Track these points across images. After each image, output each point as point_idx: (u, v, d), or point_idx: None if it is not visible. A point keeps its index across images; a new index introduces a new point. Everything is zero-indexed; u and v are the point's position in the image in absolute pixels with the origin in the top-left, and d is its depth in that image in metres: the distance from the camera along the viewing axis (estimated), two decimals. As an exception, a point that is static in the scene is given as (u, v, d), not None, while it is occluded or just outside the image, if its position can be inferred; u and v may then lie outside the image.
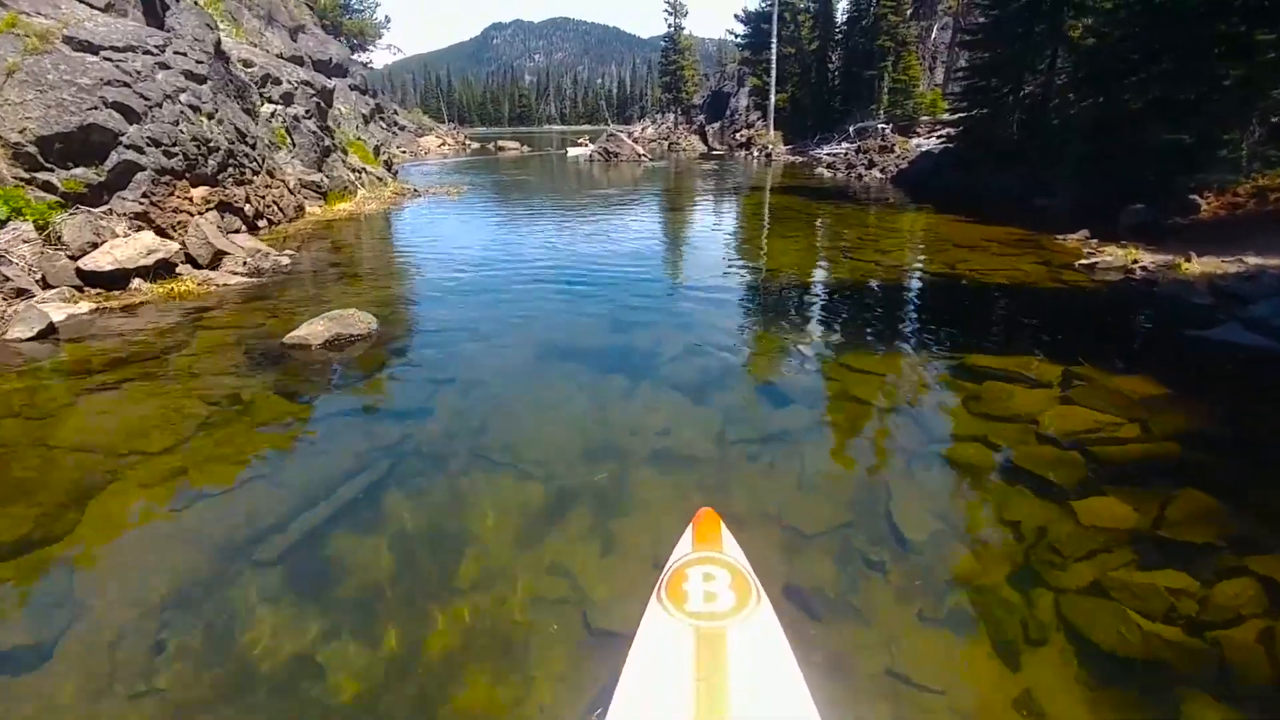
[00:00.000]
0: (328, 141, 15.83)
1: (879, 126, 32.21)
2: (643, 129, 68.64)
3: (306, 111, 15.27)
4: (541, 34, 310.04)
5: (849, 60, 37.29)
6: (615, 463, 4.01)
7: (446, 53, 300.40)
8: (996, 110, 16.92)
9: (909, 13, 33.24)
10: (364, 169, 17.86)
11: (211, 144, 10.92)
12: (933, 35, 33.62)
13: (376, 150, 21.21)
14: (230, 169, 11.32)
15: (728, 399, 4.86)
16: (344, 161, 16.58)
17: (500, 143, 48.79)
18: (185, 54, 11.47)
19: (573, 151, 39.79)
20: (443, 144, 45.52)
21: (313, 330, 5.69)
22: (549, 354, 5.75)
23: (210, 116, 11.24)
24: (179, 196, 10.24)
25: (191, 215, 10.39)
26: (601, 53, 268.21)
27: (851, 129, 34.62)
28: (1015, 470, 3.86)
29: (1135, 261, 8.14)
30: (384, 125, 34.94)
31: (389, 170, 21.81)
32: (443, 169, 30.29)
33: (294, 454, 4.14)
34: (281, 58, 17.81)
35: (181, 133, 10.41)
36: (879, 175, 20.31)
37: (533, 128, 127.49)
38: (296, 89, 15.40)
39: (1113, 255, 8.44)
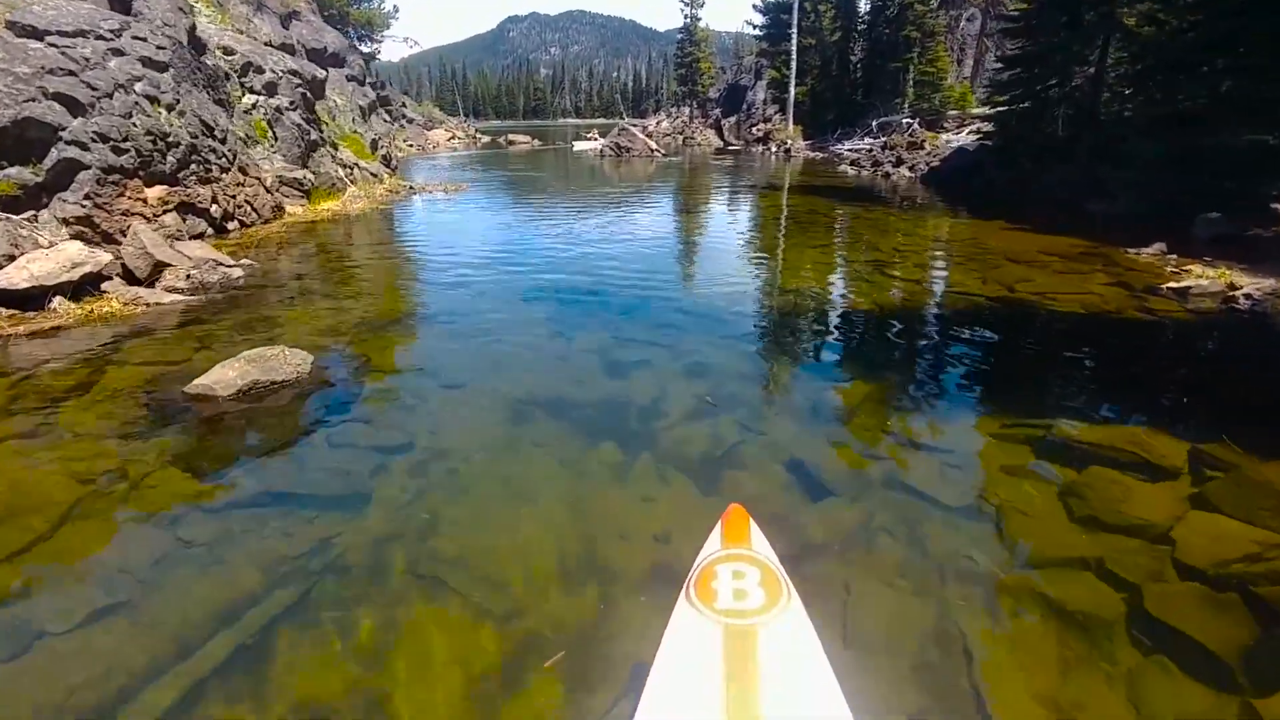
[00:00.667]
0: (314, 135, 14.72)
1: (904, 121, 30.68)
2: (657, 123, 67.25)
3: (291, 103, 14.15)
4: (558, 26, 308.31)
5: (872, 52, 35.71)
6: (598, 585, 2.86)
7: (463, 45, 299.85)
8: (1039, 104, 15.48)
9: (936, 2, 31.65)
10: (357, 165, 16.74)
11: (170, 138, 9.81)
12: (960, 26, 31.96)
13: (374, 144, 20.10)
14: (193, 166, 10.21)
15: (744, 484, 3.64)
16: (333, 157, 15.46)
17: (510, 137, 47.62)
18: (145, 39, 10.36)
19: (580, 146, 38.54)
20: (452, 138, 44.43)
21: (224, 376, 4.53)
22: (528, 409, 4.54)
23: (170, 108, 10.13)
24: (130, 197, 9.14)
25: (147, 219, 9.30)
26: (617, 45, 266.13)
27: (874, 124, 33.11)
28: (1151, 628, 2.62)
29: (1234, 286, 6.80)
30: (388, 118, 33.88)
31: (387, 166, 20.72)
32: (448, 164, 29.20)
33: (163, 572, 2.98)
34: (270, 45, 16.70)
35: (134, 126, 9.31)
36: (908, 174, 18.91)
37: (547, 121, 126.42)
38: (281, 79, 14.28)
39: (1204, 277, 7.10)
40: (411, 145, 36.46)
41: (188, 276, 7.46)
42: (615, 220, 12.91)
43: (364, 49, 40.65)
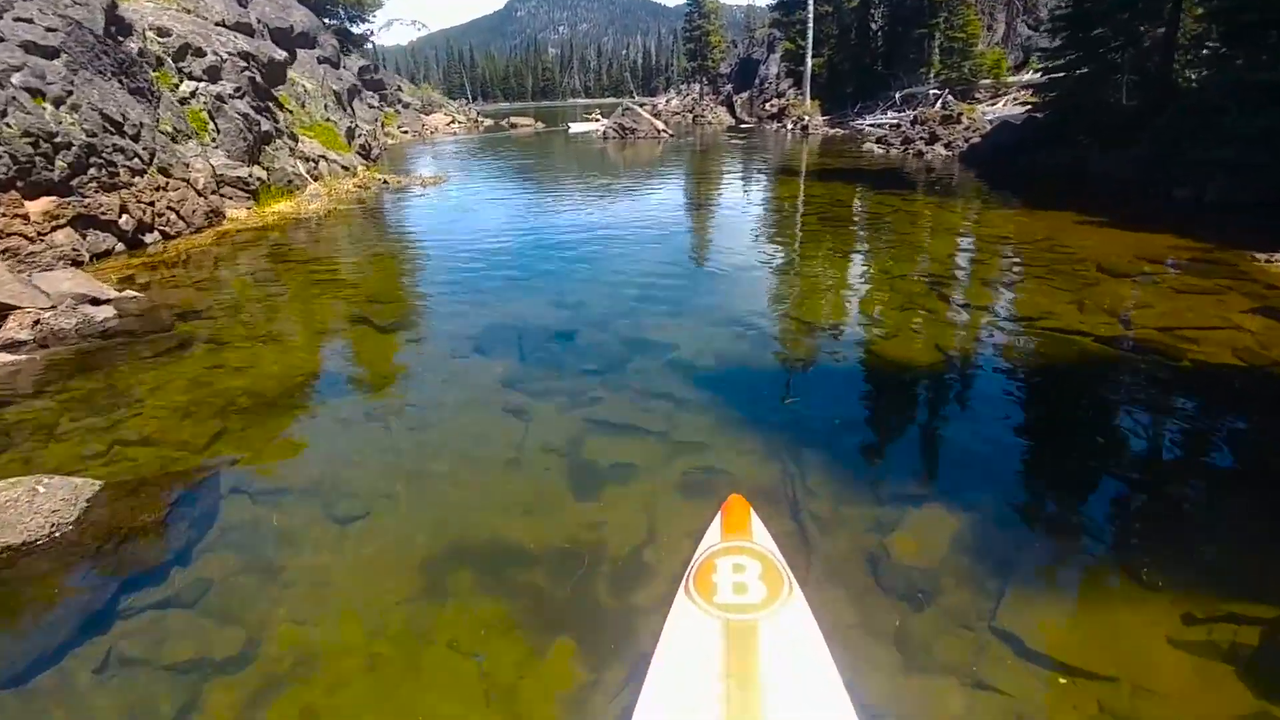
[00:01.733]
0: (267, 125, 12.91)
1: (931, 92, 28.29)
2: (666, 101, 64.75)
3: (237, 89, 12.33)
4: (566, 5, 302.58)
5: (894, 18, 33.16)
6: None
7: (471, 27, 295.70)
8: (1098, 70, 13.28)
9: (964, -39, 29.00)
10: (324, 157, 14.93)
11: (60, 139, 8.05)
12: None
13: (350, 133, 18.26)
14: (93, 170, 8.46)
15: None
16: (292, 149, 13.66)
17: (513, 120, 45.50)
18: (31, 20, 8.57)
19: (578, 128, 36.38)
20: (451, 122, 42.43)
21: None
22: (443, 581, 2.76)
23: (60, 102, 8.36)
24: (5, 215, 7.42)
25: (28, 239, 7.58)
26: (627, 23, 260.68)
27: (897, 95, 30.72)
28: None
29: None
30: (377, 103, 31.96)
31: (366, 156, 18.91)
32: (439, 152, 27.29)
33: None
34: (224, 25, 14.86)
35: (8, 127, 7.56)
36: (943, 152, 16.75)
37: (556, 101, 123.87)
38: (225, 62, 12.45)
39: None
40: (406, 131, 34.56)
41: (35, 323, 5.72)
42: (608, 220, 11.03)
43: (355, 30, 38.83)
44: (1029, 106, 15.74)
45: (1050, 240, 8.02)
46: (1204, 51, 12.30)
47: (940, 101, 25.13)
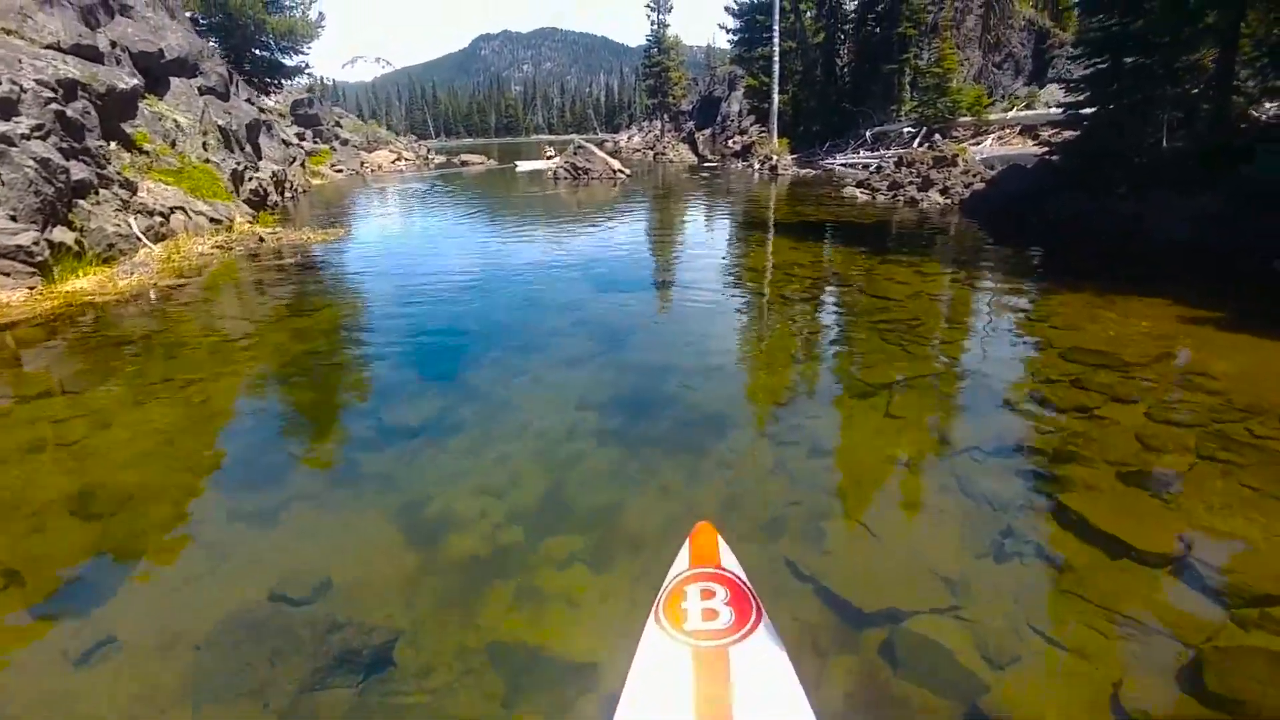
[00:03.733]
0: (83, 173, 9.64)
1: (904, 130, 26.18)
2: (628, 138, 62.81)
3: (37, 128, 9.09)
4: (530, 44, 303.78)
5: (861, 54, 31.28)
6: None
7: (435, 65, 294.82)
8: (1140, 104, 10.81)
9: (934, -5, 27.24)
10: (182, 208, 11.67)
11: None
12: (964, 22, 27.55)
13: (238, 176, 15.00)
14: None
15: None
16: (125, 202, 10.38)
17: (465, 157, 42.55)
18: None
19: (526, 167, 33.53)
20: (397, 160, 39.27)
21: None
22: None
23: None
24: None
25: None
26: (590, 62, 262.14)
27: (868, 134, 28.62)
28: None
29: None
30: (303, 140, 28.78)
31: (261, 203, 15.65)
32: (367, 193, 24.12)
33: None
34: (56, 48, 11.64)
35: None
36: (940, 200, 14.14)
37: (519, 138, 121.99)
38: (24, 94, 9.22)
39: None
40: (341, 170, 31.31)
41: None
42: (532, 300, 8.02)
43: (288, 61, 35.66)
44: (1045, 148, 13.21)
45: (1168, 357, 5.19)
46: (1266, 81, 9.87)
47: (916, 140, 22.91)
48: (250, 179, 15.56)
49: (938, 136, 21.60)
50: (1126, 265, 8.63)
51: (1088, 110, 11.58)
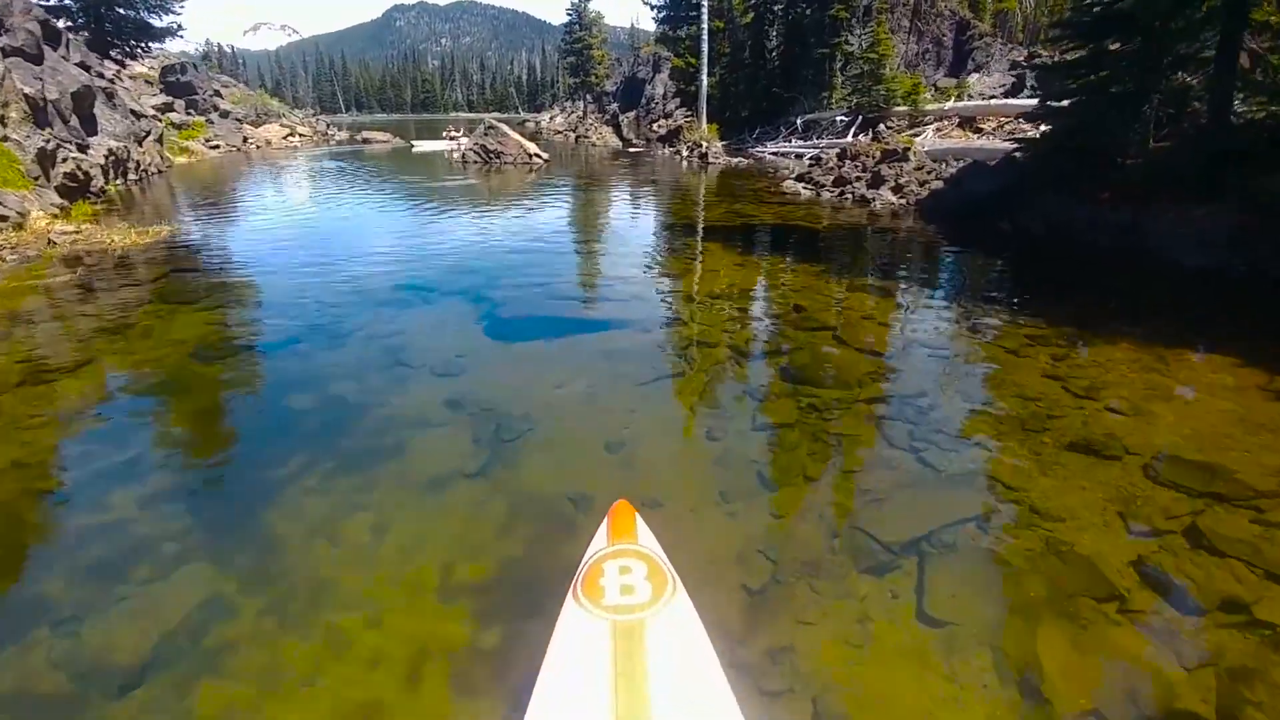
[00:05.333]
0: None
1: (838, 119, 24.71)
2: (550, 118, 59.70)
3: None
4: (448, 17, 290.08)
5: (792, 36, 29.63)
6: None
7: (346, 35, 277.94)
8: (1119, 99, 9.32)
9: (867, -24, 25.76)
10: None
11: None
12: (897, 10, 26.22)
13: (48, 156, 11.70)
14: None
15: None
16: None
17: (367, 134, 38.56)
18: None
19: (425, 147, 30.47)
20: (289, 135, 35.04)
21: None
22: None
23: None
24: None
25: None
26: (511, 38, 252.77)
27: (799, 121, 27.06)
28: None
29: None
30: (161, 111, 24.76)
31: (82, 190, 12.38)
32: (243, 175, 20.63)
33: None
34: None
35: None
36: (893, 199, 12.44)
37: (437, 114, 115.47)
38: None
39: None
40: (218, 146, 27.22)
41: None
42: (352, 389, 5.66)
43: (157, 22, 30.82)
44: (1018, 141, 11.66)
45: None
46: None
47: (852, 129, 21.40)
48: (66, 160, 12.23)
49: (882, 127, 20.08)
50: (1150, 298, 7.03)
51: (1063, 103, 10.02)
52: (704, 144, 23.90)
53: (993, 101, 19.80)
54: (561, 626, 2.02)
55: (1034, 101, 17.41)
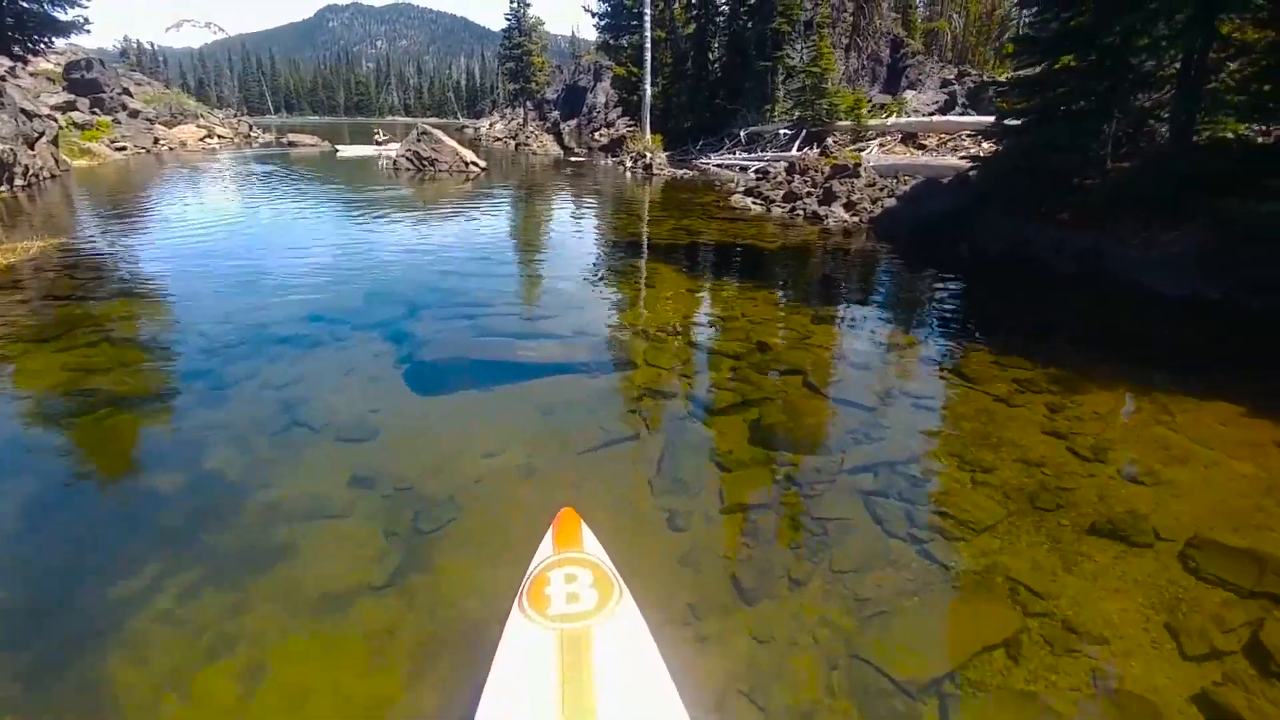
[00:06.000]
0: None
1: (781, 132, 24.53)
2: (490, 124, 58.38)
3: None
4: (383, 19, 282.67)
5: (734, 48, 29.44)
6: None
7: (276, 34, 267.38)
8: (1075, 120, 9.11)
9: (808, -9, 25.73)
10: None
11: None
12: (839, 27, 26.31)
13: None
14: None
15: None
16: None
17: (292, 137, 36.50)
18: None
19: (350, 152, 29.09)
20: (206, 136, 32.80)
21: None
22: None
23: None
24: None
25: None
26: (449, 43, 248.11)
27: (743, 134, 26.81)
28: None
29: None
30: (61, 110, 22.66)
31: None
32: (154, 178, 18.89)
33: None
34: None
35: None
36: (845, 217, 12.04)
37: (372, 118, 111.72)
38: None
39: None
40: (124, 148, 25.05)
41: None
42: (233, 464, 4.72)
43: (61, 16, 28.20)
44: (970, 158, 11.42)
45: None
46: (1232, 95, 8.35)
47: (797, 143, 21.19)
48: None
49: (831, 141, 19.90)
50: (1132, 331, 6.66)
51: (1017, 120, 9.77)
52: (648, 155, 23.31)
53: (939, 118, 19.88)
54: (507, 638, 1.98)
55: (987, 119, 17.52)
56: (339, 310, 6.73)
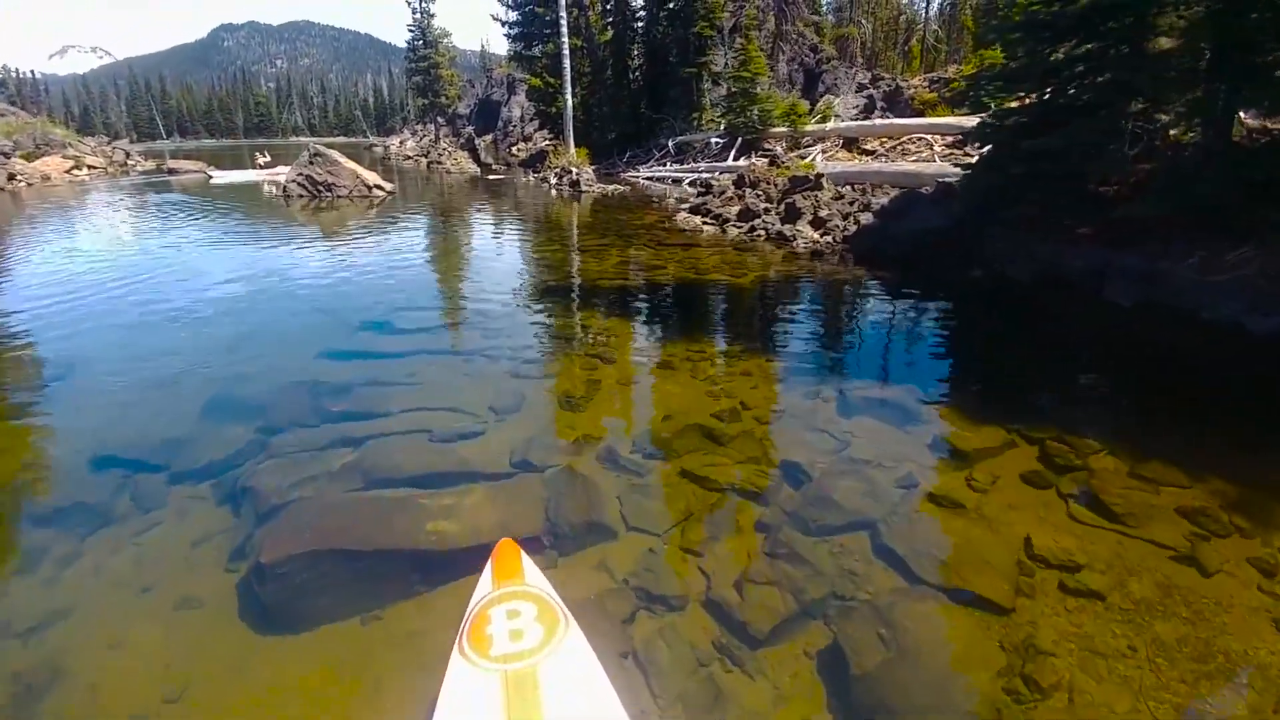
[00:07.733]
0: None
1: (712, 140, 22.81)
2: (400, 141, 54.76)
3: None
4: (282, 37, 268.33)
5: (654, 55, 27.66)
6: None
7: (166, 56, 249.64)
8: (1093, 112, 7.52)
9: (729, -6, 24.15)
10: None
11: None
12: (767, 23, 24.85)
13: None
14: None
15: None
16: None
17: (173, 164, 32.27)
18: None
19: (224, 178, 25.95)
20: (74, 167, 28.40)
21: None
22: None
23: None
24: None
25: None
26: (354, 60, 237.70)
27: (671, 144, 25.02)
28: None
29: None
30: None
31: None
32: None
33: None
34: None
35: None
36: (816, 236, 10.19)
37: (276, 139, 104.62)
38: None
39: None
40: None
41: None
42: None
43: None
44: (962, 164, 9.74)
45: None
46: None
47: (733, 152, 19.47)
48: None
49: (778, 148, 18.18)
50: (1257, 397, 4.97)
51: (1010, 120, 8.11)
52: (574, 170, 21.06)
53: (882, 121, 18.51)
54: (448, 685, 1.80)
55: (937, 120, 16.15)
56: (148, 448, 4.18)
